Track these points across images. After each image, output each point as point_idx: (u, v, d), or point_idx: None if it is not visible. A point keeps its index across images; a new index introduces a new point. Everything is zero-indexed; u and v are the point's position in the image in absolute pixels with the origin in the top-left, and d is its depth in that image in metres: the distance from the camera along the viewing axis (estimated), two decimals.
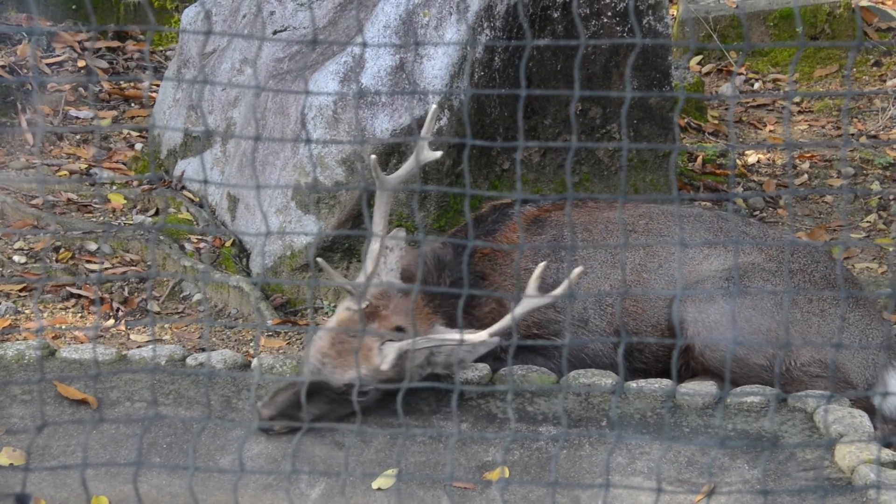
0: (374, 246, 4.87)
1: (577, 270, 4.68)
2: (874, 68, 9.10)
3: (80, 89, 7.78)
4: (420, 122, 6.07)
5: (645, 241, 5.32)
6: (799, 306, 5.16)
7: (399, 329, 4.80)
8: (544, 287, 5.08)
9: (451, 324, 4.92)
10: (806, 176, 7.68)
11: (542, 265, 4.77)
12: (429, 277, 5.05)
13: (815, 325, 5.15)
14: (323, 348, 4.77)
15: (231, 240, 6.40)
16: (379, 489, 4.58)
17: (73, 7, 8.58)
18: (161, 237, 6.38)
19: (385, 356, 4.72)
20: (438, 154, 4.96)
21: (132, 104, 7.88)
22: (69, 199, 6.82)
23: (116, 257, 6.39)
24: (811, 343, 5.10)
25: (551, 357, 5.21)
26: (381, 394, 4.81)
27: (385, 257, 4.91)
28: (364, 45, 6.14)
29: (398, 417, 4.84)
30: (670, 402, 4.90)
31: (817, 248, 5.43)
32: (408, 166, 4.98)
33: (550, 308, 5.15)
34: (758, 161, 7.81)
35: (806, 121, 8.45)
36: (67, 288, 6.13)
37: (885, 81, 8.94)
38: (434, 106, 4.94)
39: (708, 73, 9.03)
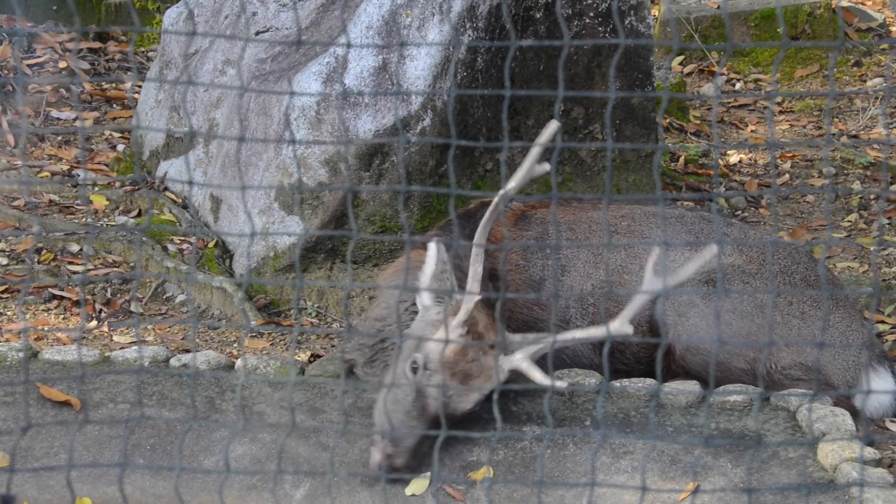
0: (478, 268, 4.69)
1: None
2: (854, 68, 9.14)
3: (62, 90, 7.76)
4: (404, 123, 6.07)
5: (628, 242, 5.32)
6: (779, 309, 5.17)
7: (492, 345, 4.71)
8: (531, 284, 5.09)
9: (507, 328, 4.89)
10: (787, 176, 7.71)
11: (655, 252, 4.61)
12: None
13: (795, 328, 5.16)
14: (446, 380, 4.61)
15: (214, 241, 6.39)
16: (413, 495, 4.57)
17: (55, 8, 8.55)
18: (144, 238, 6.36)
19: (530, 371, 4.59)
20: (547, 167, 4.71)
21: (114, 105, 7.86)
22: (51, 201, 6.80)
23: (99, 259, 6.37)
24: (793, 342, 5.11)
25: None
26: None
27: (472, 269, 4.75)
28: (349, 45, 6.13)
29: None
30: (655, 401, 4.91)
31: (798, 249, 5.44)
32: (519, 176, 4.75)
33: (536, 306, 5.16)
34: (740, 161, 7.84)
35: (787, 121, 8.49)
36: (50, 289, 6.11)
37: (865, 81, 8.98)
38: (555, 123, 4.72)
39: (690, 74, 9.05)
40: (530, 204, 5.41)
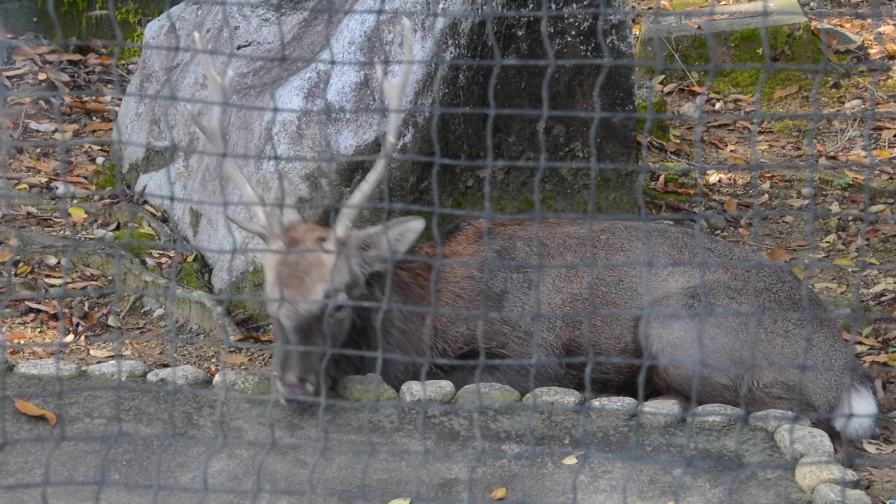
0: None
1: None
2: (833, 90, 9.19)
3: (41, 102, 7.72)
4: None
5: (607, 257, 5.32)
6: (763, 326, 5.17)
7: (321, 238, 4.89)
8: (493, 297, 5.12)
9: None
10: (766, 196, 7.73)
11: None
12: None
13: (778, 346, 5.16)
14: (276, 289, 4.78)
15: (193, 255, 6.36)
16: None
17: (35, 20, 8.51)
18: (122, 252, 6.33)
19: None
20: None
21: (94, 118, 7.82)
22: (29, 213, 6.76)
23: (76, 272, 6.33)
24: (776, 364, 5.11)
25: (498, 368, 5.20)
26: (352, 320, 4.88)
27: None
28: (332, 62, 6.12)
29: (361, 434, 4.82)
30: (636, 420, 4.90)
31: (782, 267, 5.45)
32: None
33: (497, 320, 5.16)
34: (719, 180, 7.86)
35: (766, 141, 8.52)
36: (27, 302, 6.07)
37: (843, 103, 9.02)
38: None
39: (670, 93, 9.08)
40: (496, 221, 5.44)
